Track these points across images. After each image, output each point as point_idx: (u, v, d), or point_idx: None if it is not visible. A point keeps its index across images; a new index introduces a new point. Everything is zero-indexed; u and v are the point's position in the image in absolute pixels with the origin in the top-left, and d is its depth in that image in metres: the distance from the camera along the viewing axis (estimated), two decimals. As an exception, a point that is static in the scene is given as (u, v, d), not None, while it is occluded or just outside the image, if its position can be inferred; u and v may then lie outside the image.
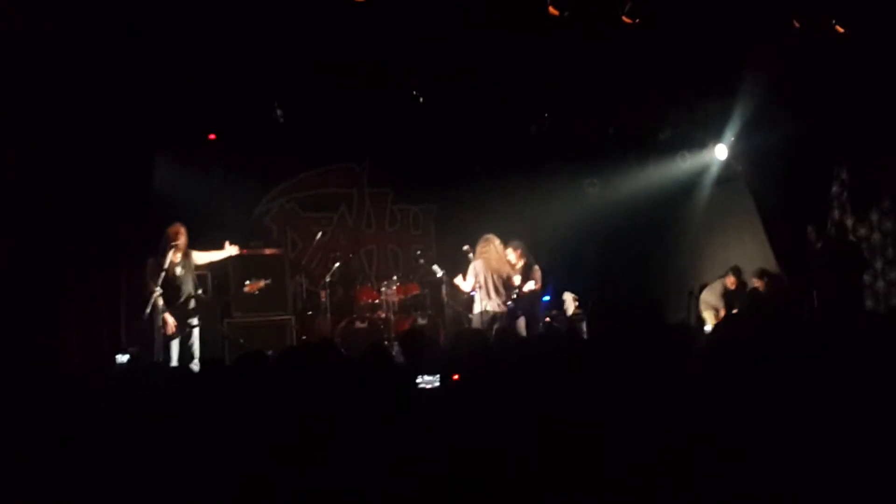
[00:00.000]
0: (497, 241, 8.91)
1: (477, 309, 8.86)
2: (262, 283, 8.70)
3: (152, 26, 6.65)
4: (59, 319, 6.51)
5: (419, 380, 4.14)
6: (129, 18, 6.51)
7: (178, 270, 7.83)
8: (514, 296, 8.91)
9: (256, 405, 3.33)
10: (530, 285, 9.11)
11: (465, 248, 9.38)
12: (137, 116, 7.19)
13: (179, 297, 7.87)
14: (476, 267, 8.86)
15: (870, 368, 3.17)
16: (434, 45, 7.53)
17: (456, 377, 4.04)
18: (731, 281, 10.24)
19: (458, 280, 9.10)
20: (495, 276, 8.77)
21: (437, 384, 4.14)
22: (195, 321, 7.97)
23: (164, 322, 7.58)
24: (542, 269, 9.65)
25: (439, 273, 9.96)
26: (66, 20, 6.32)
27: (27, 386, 4.47)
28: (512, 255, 9.29)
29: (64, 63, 6.42)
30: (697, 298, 10.82)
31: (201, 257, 8.21)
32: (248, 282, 8.65)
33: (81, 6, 6.33)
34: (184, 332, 7.83)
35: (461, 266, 9.14)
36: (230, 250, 8.37)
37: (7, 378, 4.95)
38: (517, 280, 8.90)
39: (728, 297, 10.19)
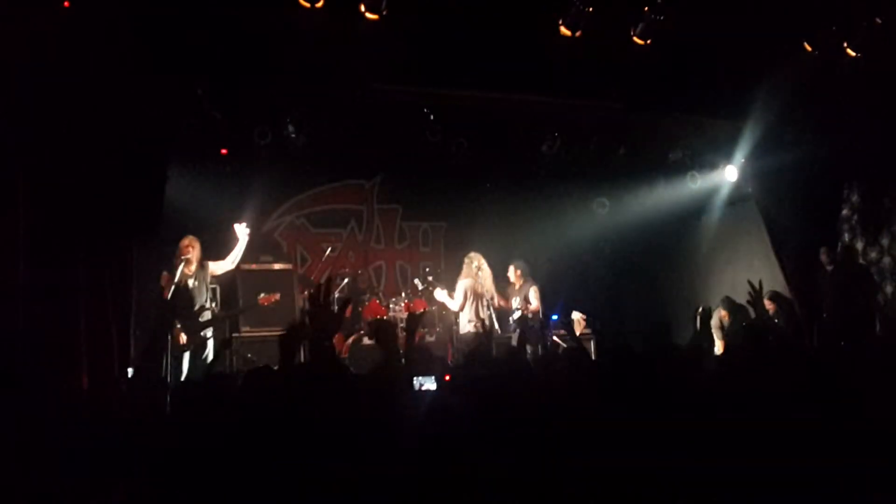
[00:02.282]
0: (482, 260, 8.97)
1: (463, 329, 8.91)
2: (276, 297, 8.68)
3: (168, 43, 6.71)
4: (69, 332, 6.52)
5: (416, 382, 4.16)
6: (144, 35, 6.58)
7: (192, 283, 7.83)
8: (514, 320, 9.01)
9: (265, 420, 3.33)
10: (516, 304, 9.19)
11: (416, 281, 9.90)
12: (150, 132, 7.22)
13: (192, 309, 7.86)
14: (464, 286, 8.90)
15: (879, 394, 3.15)
16: (446, 64, 7.57)
17: (447, 377, 4.10)
18: (722, 314, 10.13)
19: (443, 297, 9.11)
20: (481, 298, 8.82)
21: (434, 386, 4.17)
22: (209, 333, 7.96)
23: (176, 335, 7.58)
24: (550, 288, 9.66)
25: (420, 286, 9.98)
26: (80, 34, 6.38)
27: (36, 397, 4.48)
28: (512, 274, 9.35)
29: (79, 78, 6.46)
30: (706, 315, 10.72)
31: (220, 266, 8.19)
32: (262, 294, 8.64)
33: (96, 22, 6.40)
34: (196, 345, 7.83)
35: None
36: (242, 232, 8.29)
37: (16, 390, 4.96)
38: (498, 301, 9.00)
39: (723, 329, 10.07)
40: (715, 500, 2.60)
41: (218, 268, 8.17)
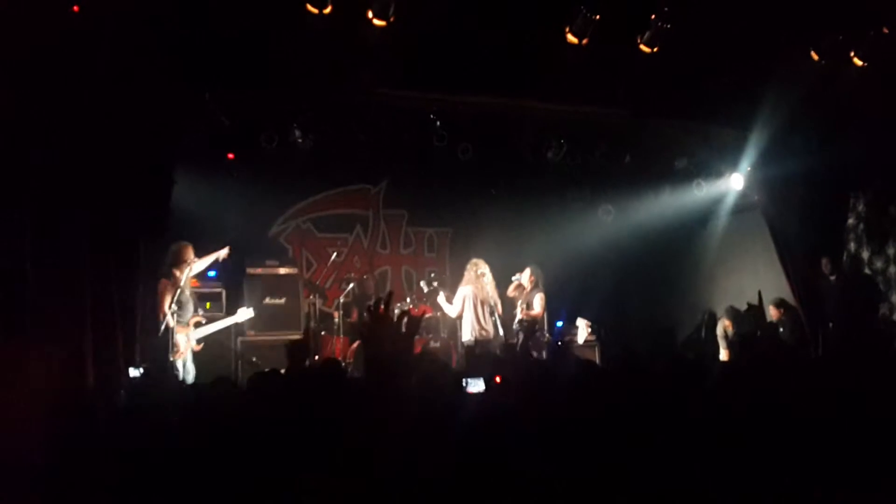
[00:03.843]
0: (485, 267, 8.98)
1: (466, 336, 8.93)
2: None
3: (176, 48, 6.74)
4: (75, 332, 6.54)
5: (464, 383, 4.21)
6: (152, 39, 6.61)
7: (188, 291, 7.87)
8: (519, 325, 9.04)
9: (271, 423, 3.34)
10: (518, 308, 9.23)
11: (422, 283, 9.93)
12: (158, 136, 7.24)
13: (187, 314, 7.89)
14: (464, 293, 8.91)
15: (884, 403, 3.15)
16: (452, 70, 7.59)
17: (498, 379, 4.14)
18: (726, 324, 10.11)
19: (442, 301, 9.12)
20: (482, 304, 8.83)
21: (482, 388, 4.22)
22: (194, 342, 7.98)
23: (176, 344, 7.57)
24: (555, 295, 9.67)
25: (426, 289, 9.98)
26: (89, 38, 6.42)
27: (40, 399, 4.49)
28: (525, 278, 9.37)
29: (88, 82, 6.49)
30: (711, 322, 10.73)
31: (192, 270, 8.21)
32: (266, 298, 8.63)
33: (105, 26, 6.43)
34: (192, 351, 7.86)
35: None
36: (222, 253, 8.30)
37: (21, 391, 4.98)
38: (501, 308, 9.04)
39: (727, 338, 10.06)
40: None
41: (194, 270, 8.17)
